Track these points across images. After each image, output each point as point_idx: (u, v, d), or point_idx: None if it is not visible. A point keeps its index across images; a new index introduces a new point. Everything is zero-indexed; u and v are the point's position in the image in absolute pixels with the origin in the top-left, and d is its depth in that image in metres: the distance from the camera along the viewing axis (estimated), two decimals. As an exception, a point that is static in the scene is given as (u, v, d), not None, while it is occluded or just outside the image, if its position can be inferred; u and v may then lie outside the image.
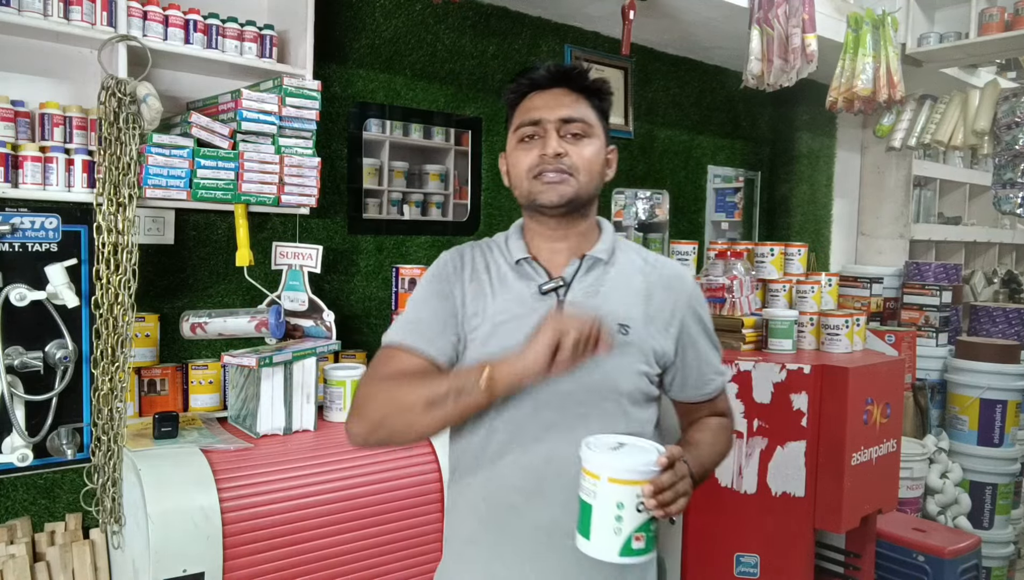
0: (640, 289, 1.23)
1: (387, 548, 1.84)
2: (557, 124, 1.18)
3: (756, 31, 2.72)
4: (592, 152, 1.20)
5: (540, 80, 1.21)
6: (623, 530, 0.95)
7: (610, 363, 1.14)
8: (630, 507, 0.95)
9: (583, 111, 1.21)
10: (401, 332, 1.20)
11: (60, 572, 1.82)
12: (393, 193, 2.60)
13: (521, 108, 1.22)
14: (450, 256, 1.27)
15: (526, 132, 1.20)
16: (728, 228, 3.77)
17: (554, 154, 1.16)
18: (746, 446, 2.08)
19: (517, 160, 1.21)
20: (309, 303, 2.14)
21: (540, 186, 1.18)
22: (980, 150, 3.52)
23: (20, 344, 1.83)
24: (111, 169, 1.75)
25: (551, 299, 1.19)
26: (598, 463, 0.97)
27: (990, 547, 3.20)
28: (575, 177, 1.18)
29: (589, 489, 0.97)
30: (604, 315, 1.11)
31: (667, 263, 1.30)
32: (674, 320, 1.23)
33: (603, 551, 0.96)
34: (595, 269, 1.22)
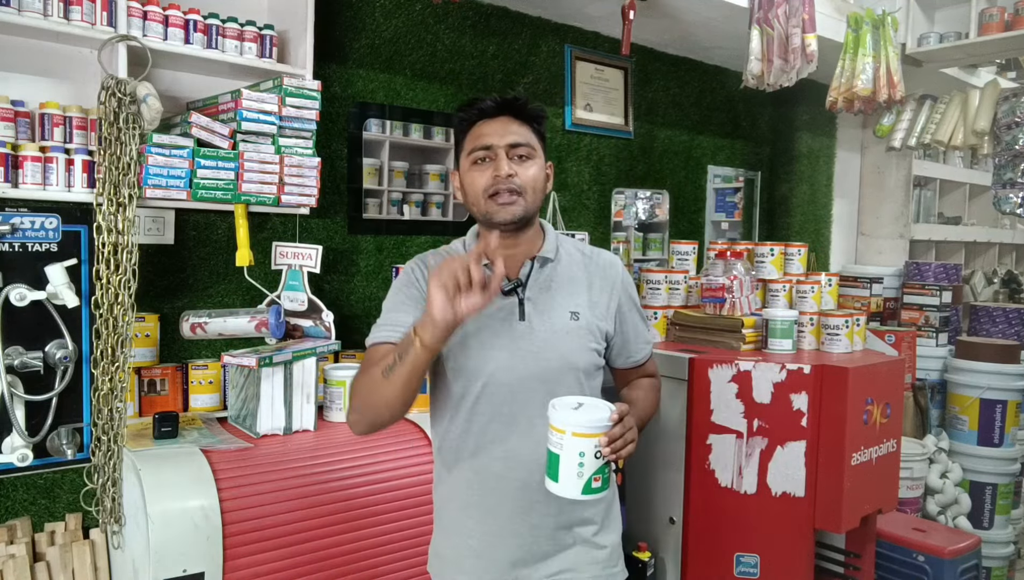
0: (583, 279, 1.46)
1: (387, 548, 1.84)
2: (506, 148, 1.37)
3: (756, 31, 2.72)
4: (536, 171, 1.40)
5: (488, 110, 1.40)
6: (584, 474, 1.19)
7: (567, 345, 1.39)
8: (589, 455, 1.19)
9: (527, 136, 1.40)
10: (379, 332, 1.40)
11: (60, 572, 1.82)
12: (393, 193, 2.60)
13: (472, 134, 1.40)
14: (415, 264, 1.45)
15: (479, 156, 1.38)
16: (728, 228, 3.77)
17: (506, 175, 1.35)
18: (746, 446, 2.08)
19: (472, 180, 1.39)
20: (308, 303, 2.14)
21: (495, 206, 1.37)
22: (980, 150, 3.52)
23: (20, 344, 1.83)
24: (111, 169, 1.75)
25: (512, 298, 1.40)
26: (563, 420, 1.20)
27: (990, 547, 3.20)
28: (523, 197, 1.37)
29: (556, 442, 1.20)
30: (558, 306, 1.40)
31: (600, 253, 1.53)
32: (612, 302, 1.47)
33: (569, 491, 1.20)
34: (545, 267, 1.44)
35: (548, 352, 1.37)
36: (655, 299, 2.43)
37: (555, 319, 1.40)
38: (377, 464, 1.86)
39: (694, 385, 2.12)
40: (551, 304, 1.41)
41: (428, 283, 1.16)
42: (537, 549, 1.40)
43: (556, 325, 1.39)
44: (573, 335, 1.40)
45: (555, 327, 1.39)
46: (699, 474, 2.11)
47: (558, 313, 1.40)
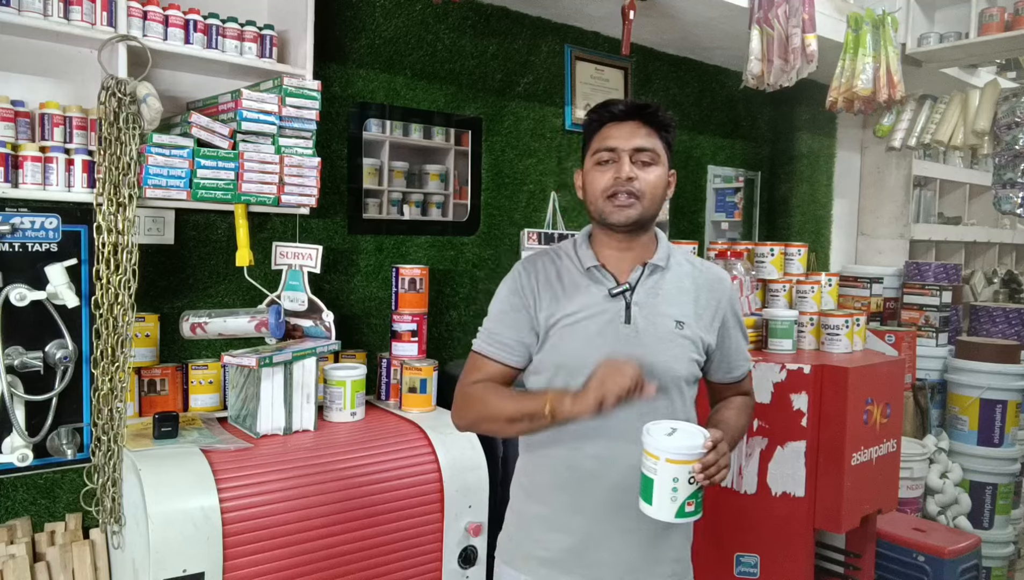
0: (690, 290, 1.46)
1: (387, 548, 1.84)
2: (630, 152, 1.38)
3: (756, 31, 2.72)
4: (657, 177, 1.40)
5: (618, 113, 1.40)
6: (678, 498, 1.22)
7: (670, 353, 1.40)
8: (683, 480, 1.21)
9: (653, 142, 1.40)
10: (485, 343, 1.45)
11: (60, 572, 1.82)
12: (393, 193, 2.60)
13: (599, 136, 1.41)
14: (523, 267, 1.47)
15: (603, 157, 1.40)
16: (728, 228, 3.77)
17: (627, 178, 1.37)
18: (746, 446, 2.08)
19: (593, 180, 1.41)
20: (309, 303, 2.14)
21: (611, 208, 1.39)
22: (980, 150, 3.52)
23: (20, 344, 1.83)
24: (111, 169, 1.75)
25: (620, 301, 1.40)
26: (657, 447, 1.22)
27: (990, 547, 3.20)
28: (640, 201, 1.38)
29: (650, 466, 1.23)
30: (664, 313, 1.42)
31: (710, 267, 1.54)
32: (717, 316, 1.47)
33: (662, 514, 1.23)
34: (654, 274, 1.44)
35: (651, 357, 1.37)
36: (655, 299, 2.42)
37: (660, 326, 1.40)
38: (377, 464, 1.86)
39: (694, 385, 2.12)
40: (657, 311, 1.41)
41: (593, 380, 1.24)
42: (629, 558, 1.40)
43: (661, 332, 1.40)
44: (677, 343, 1.40)
45: (660, 333, 1.40)
46: (699, 474, 2.11)
47: (664, 320, 1.40)
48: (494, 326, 1.45)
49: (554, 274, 1.45)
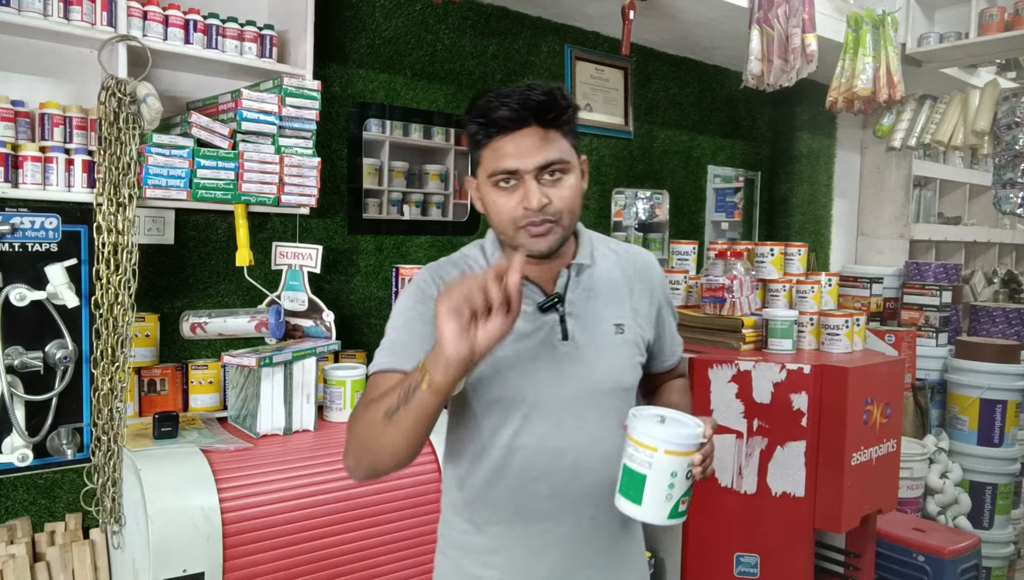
0: (621, 283, 1.29)
1: (387, 548, 1.84)
2: (535, 173, 1.13)
3: (756, 31, 2.72)
4: (571, 189, 1.16)
5: (507, 123, 1.13)
6: (673, 496, 1.06)
7: (614, 363, 1.24)
8: (681, 475, 1.05)
9: (559, 147, 1.15)
10: (383, 357, 1.18)
11: (60, 572, 1.82)
12: (393, 193, 2.59)
13: (491, 153, 1.15)
14: (430, 277, 1.24)
15: (501, 180, 1.15)
16: (728, 228, 3.77)
17: (538, 207, 1.13)
18: (746, 446, 2.08)
19: (497, 206, 1.17)
20: (309, 303, 2.14)
21: (526, 238, 1.15)
22: (980, 150, 3.52)
23: (20, 344, 1.83)
24: (111, 169, 1.75)
25: (551, 315, 1.21)
26: (654, 436, 1.05)
27: (990, 547, 3.20)
28: (559, 224, 1.16)
29: (643, 460, 1.05)
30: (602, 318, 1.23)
31: (636, 251, 1.36)
32: (652, 307, 1.33)
33: (654, 516, 1.06)
34: (581, 275, 1.25)
35: (597, 373, 1.22)
36: (655, 299, 2.43)
37: (600, 335, 1.23)
38: (377, 464, 1.86)
39: (694, 385, 2.12)
40: (594, 317, 1.23)
41: (437, 307, 0.94)
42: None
43: (601, 341, 1.23)
44: (620, 351, 1.25)
45: (600, 344, 1.23)
46: (699, 474, 2.11)
47: (602, 327, 1.24)
48: (395, 336, 1.18)
49: None
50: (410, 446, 1.05)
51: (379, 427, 1.04)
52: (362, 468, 1.12)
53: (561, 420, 1.20)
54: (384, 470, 1.10)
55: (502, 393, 1.19)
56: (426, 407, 1.00)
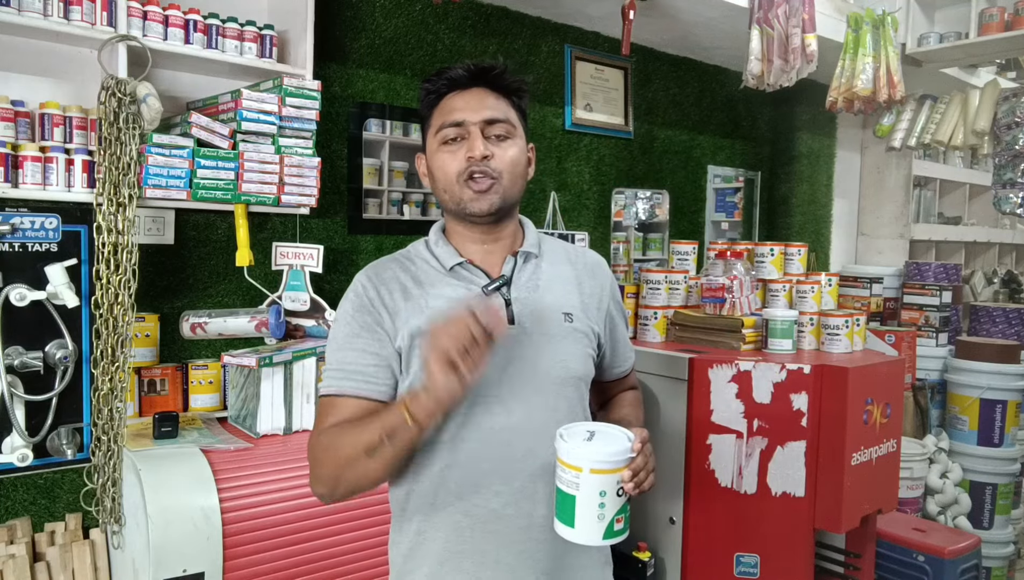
0: (571, 278, 1.29)
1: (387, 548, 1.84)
2: (481, 125, 1.18)
3: (756, 31, 2.72)
4: (516, 153, 1.20)
5: (460, 79, 1.20)
6: (606, 515, 1.01)
7: (564, 351, 1.21)
8: (611, 493, 1.01)
9: (505, 111, 1.21)
10: (335, 380, 1.16)
11: (60, 572, 1.82)
12: (393, 193, 2.60)
13: (441, 108, 1.20)
14: (366, 280, 1.22)
15: (449, 134, 1.18)
16: (728, 228, 3.77)
17: (481, 156, 1.16)
18: (746, 446, 2.07)
19: (443, 163, 1.19)
20: (311, 303, 2.14)
21: (470, 194, 1.17)
22: (980, 150, 3.52)
23: (20, 344, 1.83)
24: (111, 169, 1.75)
25: (496, 299, 1.19)
26: (578, 455, 1.01)
27: (990, 547, 3.20)
28: (499, 181, 1.18)
29: (570, 481, 1.01)
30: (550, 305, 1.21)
31: (586, 252, 1.37)
32: (602, 305, 1.31)
33: (588, 537, 1.01)
34: (529, 263, 1.25)
35: (546, 359, 1.19)
36: (655, 299, 2.43)
37: (548, 321, 1.21)
38: (377, 464, 1.86)
39: (694, 385, 2.12)
40: (542, 304, 1.21)
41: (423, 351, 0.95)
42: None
43: (551, 328, 1.20)
44: (570, 339, 1.22)
45: (550, 330, 1.20)
46: (699, 474, 2.11)
47: (551, 314, 1.21)
48: (343, 356, 1.16)
49: (409, 281, 1.21)
50: (389, 475, 1.10)
51: (361, 462, 1.05)
52: (337, 496, 1.12)
53: (509, 408, 1.16)
54: (361, 492, 1.12)
55: None
56: (411, 443, 1.03)
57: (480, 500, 1.16)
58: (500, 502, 1.16)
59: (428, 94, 1.23)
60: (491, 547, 1.17)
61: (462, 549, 1.17)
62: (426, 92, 1.23)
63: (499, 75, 1.22)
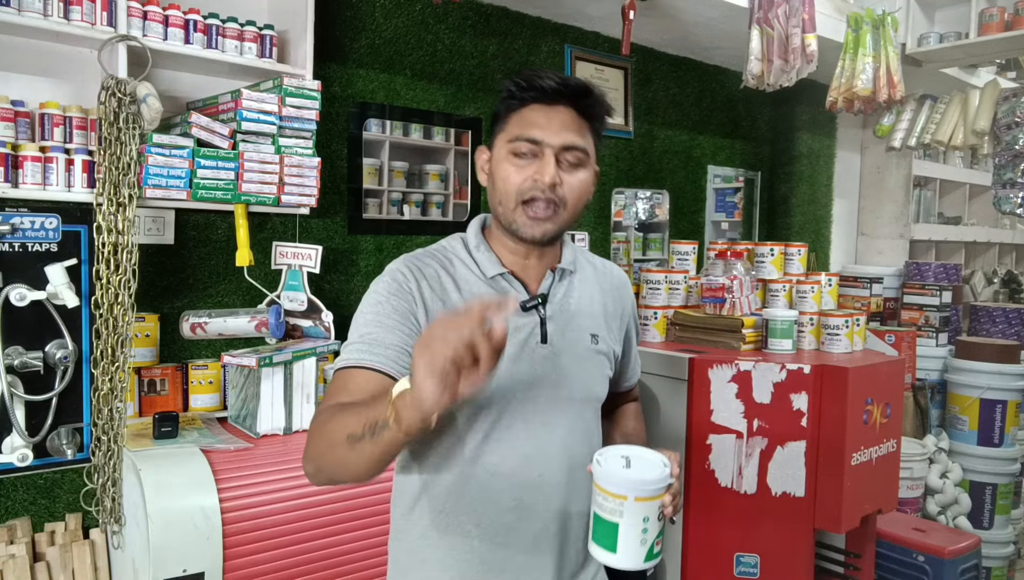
0: (598, 298, 1.28)
1: (387, 548, 1.84)
2: (558, 150, 1.13)
3: (756, 31, 2.72)
4: (583, 181, 1.17)
5: (547, 92, 1.14)
6: (648, 540, 1.01)
7: (589, 373, 1.22)
8: (653, 518, 1.01)
9: (585, 138, 1.17)
10: (353, 353, 1.09)
11: (60, 572, 1.82)
12: (393, 193, 2.60)
13: (520, 118, 1.15)
14: (407, 269, 1.17)
15: (522, 148, 1.14)
16: (728, 228, 3.77)
17: (550, 184, 1.12)
18: (746, 446, 2.08)
19: (507, 174, 1.14)
20: (308, 303, 2.14)
21: (525, 219, 1.14)
22: (980, 150, 3.52)
23: (20, 344, 1.83)
24: (111, 169, 1.75)
25: (532, 316, 1.17)
26: (622, 483, 1.00)
27: (990, 547, 3.20)
28: (561, 212, 1.15)
29: (614, 508, 1.00)
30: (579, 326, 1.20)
31: (612, 269, 1.37)
32: (623, 325, 1.33)
33: (631, 562, 1.01)
34: (564, 280, 1.24)
35: (572, 381, 1.18)
36: (655, 299, 2.43)
37: (577, 343, 1.20)
38: (377, 464, 1.86)
39: (694, 385, 2.12)
40: (573, 324, 1.21)
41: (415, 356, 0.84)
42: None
43: (579, 350, 1.20)
44: (594, 362, 1.23)
45: (578, 352, 1.20)
46: (699, 474, 2.11)
47: (580, 335, 1.21)
48: (368, 330, 1.11)
49: (450, 284, 1.17)
50: (371, 472, 1.01)
51: (341, 449, 0.98)
52: (320, 479, 1.08)
53: (531, 426, 1.15)
54: (342, 483, 1.10)
55: None
56: (394, 444, 0.94)
57: (493, 514, 1.15)
58: (513, 517, 1.16)
59: (510, 97, 1.17)
60: (497, 558, 1.16)
61: (468, 557, 1.17)
62: (509, 94, 1.17)
63: (589, 102, 1.17)
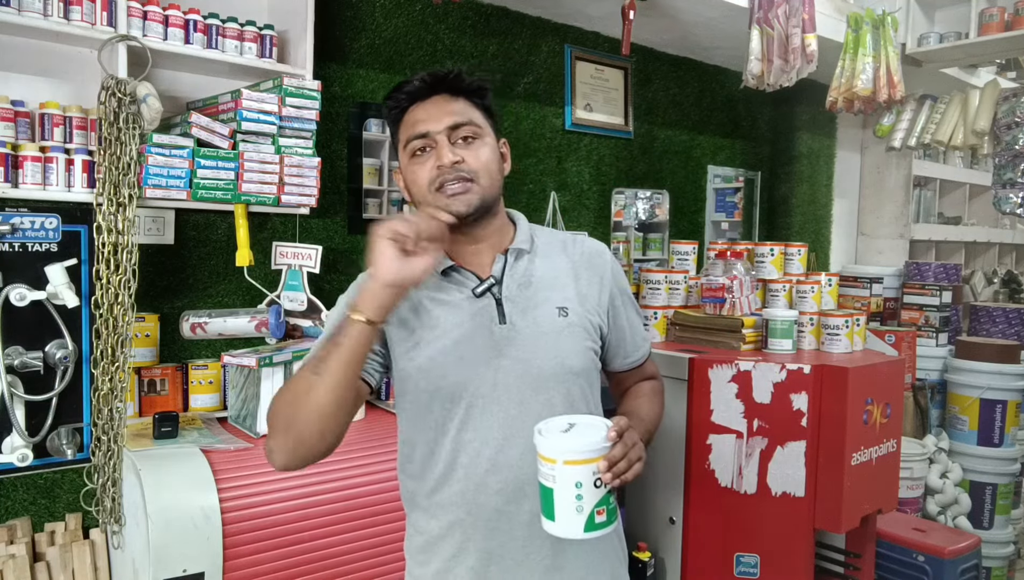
0: (567, 269, 1.27)
1: (387, 548, 1.84)
2: (446, 132, 1.18)
3: (756, 31, 2.72)
4: (487, 152, 1.21)
5: (418, 91, 1.22)
6: (584, 507, 1.00)
7: (559, 346, 1.21)
8: (588, 484, 1.00)
9: (469, 113, 1.21)
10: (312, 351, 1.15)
11: (60, 572, 1.82)
12: (393, 193, 2.59)
13: (405, 122, 1.22)
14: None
15: (416, 146, 1.19)
16: (728, 228, 3.76)
17: (451, 163, 1.16)
18: (746, 446, 2.08)
19: (414, 176, 1.20)
20: (308, 303, 2.14)
21: (445, 199, 1.17)
22: (980, 150, 3.52)
23: (20, 344, 1.83)
24: (111, 169, 1.75)
25: (487, 300, 1.21)
26: (552, 447, 1.01)
27: (990, 547, 3.20)
28: (477, 182, 1.18)
29: (547, 473, 1.02)
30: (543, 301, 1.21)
31: (585, 240, 1.35)
32: (603, 295, 1.29)
33: (569, 530, 1.01)
34: (521, 260, 1.25)
35: (539, 357, 1.19)
36: (655, 299, 2.43)
37: (541, 317, 1.21)
38: (377, 464, 1.86)
39: (694, 385, 2.12)
40: (534, 301, 1.22)
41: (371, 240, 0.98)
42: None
43: (543, 325, 1.21)
44: (565, 334, 1.21)
45: (543, 327, 1.20)
46: (699, 474, 2.11)
47: (544, 310, 1.21)
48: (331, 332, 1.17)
49: None
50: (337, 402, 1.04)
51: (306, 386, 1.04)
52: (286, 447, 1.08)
53: (505, 408, 1.18)
54: (309, 444, 1.08)
55: (442, 383, 1.18)
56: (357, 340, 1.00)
57: (482, 499, 1.18)
58: (501, 500, 1.18)
59: (391, 111, 1.24)
60: (495, 544, 1.19)
61: (467, 547, 1.20)
62: (389, 109, 1.25)
63: (455, 79, 1.22)
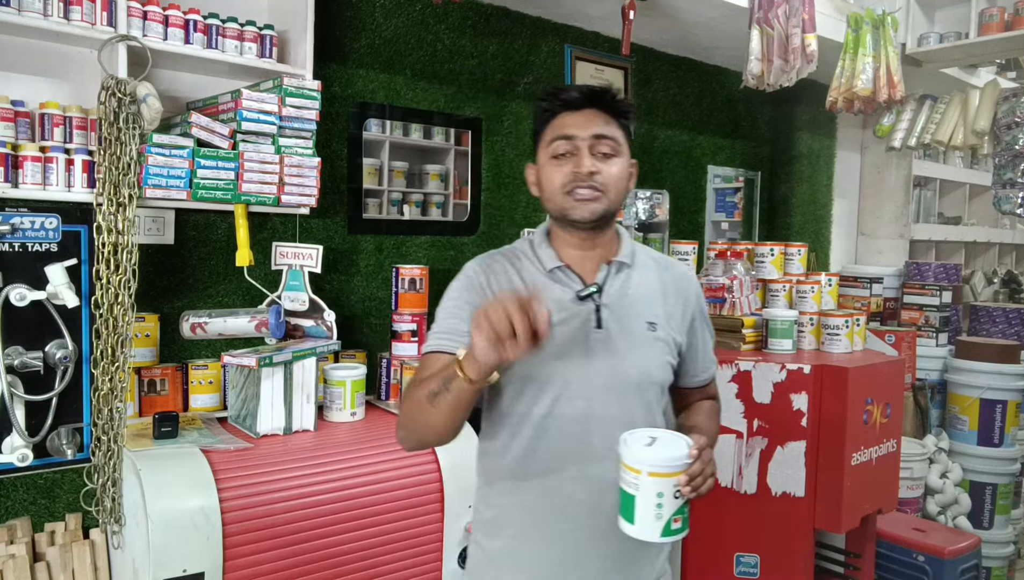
0: (658, 288, 1.37)
1: (387, 548, 1.84)
2: (590, 141, 1.27)
3: (756, 31, 2.72)
4: (620, 169, 1.30)
5: (573, 101, 1.30)
6: (663, 515, 1.09)
7: (645, 357, 1.30)
8: (668, 495, 1.09)
9: (613, 130, 1.30)
10: (434, 339, 1.28)
11: (60, 572, 1.82)
12: (393, 193, 2.60)
13: (554, 125, 1.30)
14: (478, 266, 1.35)
15: (559, 148, 1.28)
16: (728, 228, 3.77)
17: (588, 173, 1.26)
18: (746, 446, 2.08)
19: (550, 176, 1.30)
20: (310, 303, 2.14)
21: (573, 202, 1.27)
22: (980, 150, 3.52)
23: (20, 344, 1.83)
24: (111, 169, 1.75)
25: (588, 304, 1.29)
26: (638, 459, 1.10)
27: (990, 547, 3.20)
28: (605, 195, 1.28)
29: (630, 481, 1.11)
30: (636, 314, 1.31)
31: (674, 264, 1.45)
32: (686, 316, 1.39)
33: (647, 533, 1.11)
34: (622, 272, 1.34)
35: (627, 363, 1.28)
36: (655, 299, 2.43)
37: (633, 328, 1.30)
38: (377, 464, 1.86)
39: (694, 385, 2.12)
40: (629, 312, 1.31)
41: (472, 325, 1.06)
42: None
43: (634, 335, 1.30)
44: (652, 346, 1.31)
45: (633, 337, 1.30)
46: (699, 474, 2.11)
47: (636, 322, 1.31)
48: (448, 322, 1.30)
49: (516, 277, 1.33)
50: (449, 426, 1.19)
51: (423, 407, 1.17)
52: (412, 441, 1.26)
53: (590, 404, 1.26)
54: (431, 443, 1.30)
55: (535, 372, 1.26)
56: (461, 393, 1.12)
57: (557, 483, 1.27)
58: (575, 487, 1.26)
59: (543, 112, 1.33)
60: (563, 529, 1.27)
61: (536, 527, 1.28)
62: (541, 110, 1.33)
63: (607, 97, 1.31)
